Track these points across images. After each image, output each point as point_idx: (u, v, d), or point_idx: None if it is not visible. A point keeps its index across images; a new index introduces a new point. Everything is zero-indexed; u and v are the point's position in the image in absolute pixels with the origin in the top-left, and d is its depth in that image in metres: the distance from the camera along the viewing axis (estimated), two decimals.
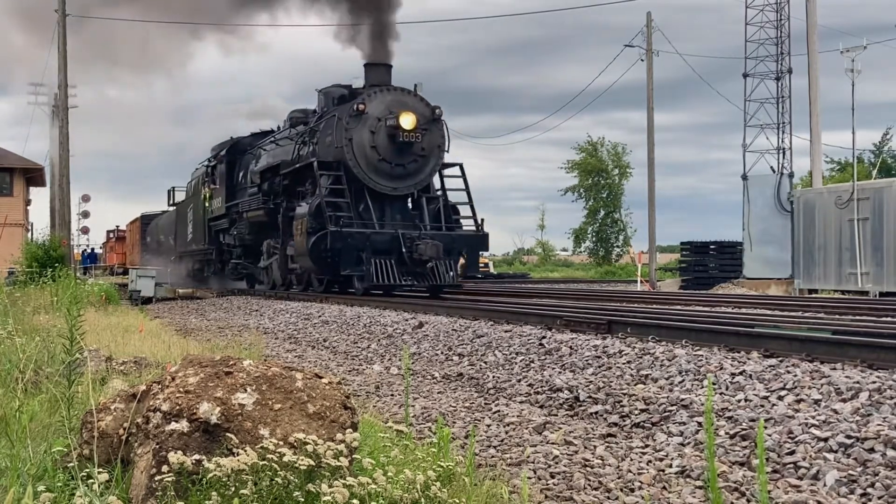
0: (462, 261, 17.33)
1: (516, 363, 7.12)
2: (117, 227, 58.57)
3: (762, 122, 26.54)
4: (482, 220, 17.53)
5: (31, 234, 34.97)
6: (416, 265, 15.48)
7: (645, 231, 31.82)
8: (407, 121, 16.08)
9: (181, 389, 2.86)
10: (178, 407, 2.80)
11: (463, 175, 18.04)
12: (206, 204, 24.81)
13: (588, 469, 4.15)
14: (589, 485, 3.90)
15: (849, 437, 4.12)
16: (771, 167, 26.47)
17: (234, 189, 22.88)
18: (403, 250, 15.34)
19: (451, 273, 16.08)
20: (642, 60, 31.12)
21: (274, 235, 19.33)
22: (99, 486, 2.65)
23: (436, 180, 17.70)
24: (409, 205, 17.29)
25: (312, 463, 2.69)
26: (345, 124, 16.30)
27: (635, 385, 5.79)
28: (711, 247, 29.37)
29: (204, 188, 25.28)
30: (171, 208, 33.93)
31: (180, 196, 31.81)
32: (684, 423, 4.82)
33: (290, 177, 18.25)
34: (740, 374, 5.48)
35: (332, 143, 16.64)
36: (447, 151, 17.20)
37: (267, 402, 2.90)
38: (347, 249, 15.33)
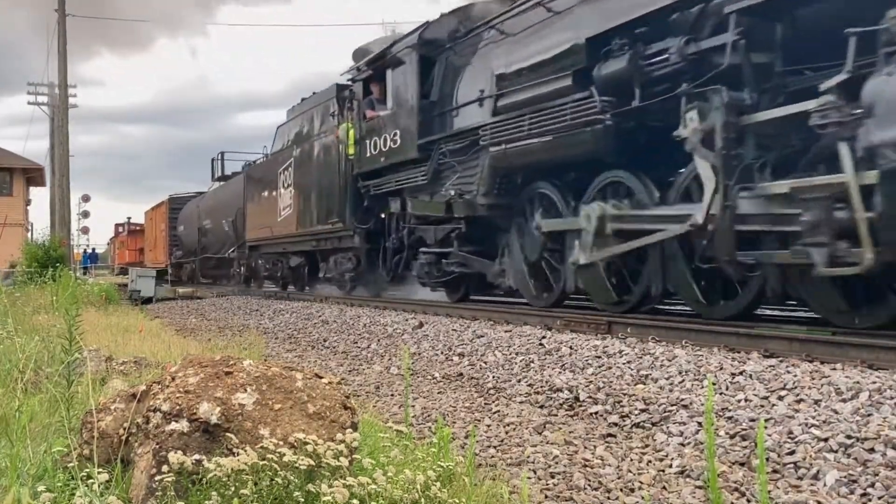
0: None
1: (516, 363, 7.12)
2: (129, 218, 50.02)
3: None
4: None
5: (31, 234, 35.05)
6: None
7: None
8: None
9: (181, 389, 2.86)
10: (178, 407, 2.80)
11: None
12: (348, 150, 13.99)
13: (588, 469, 4.15)
14: (589, 485, 3.90)
15: (849, 437, 4.12)
16: None
17: (434, 112, 11.75)
18: None
19: None
20: None
21: (605, 194, 8.54)
22: (99, 486, 2.65)
23: None
24: None
25: (312, 463, 2.69)
26: None
27: (635, 385, 5.79)
28: None
29: (341, 120, 14.38)
30: (217, 184, 25.85)
31: (230, 167, 24.04)
32: (684, 424, 4.83)
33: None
34: (740, 374, 5.48)
35: None
36: None
37: (267, 402, 2.90)
38: None
